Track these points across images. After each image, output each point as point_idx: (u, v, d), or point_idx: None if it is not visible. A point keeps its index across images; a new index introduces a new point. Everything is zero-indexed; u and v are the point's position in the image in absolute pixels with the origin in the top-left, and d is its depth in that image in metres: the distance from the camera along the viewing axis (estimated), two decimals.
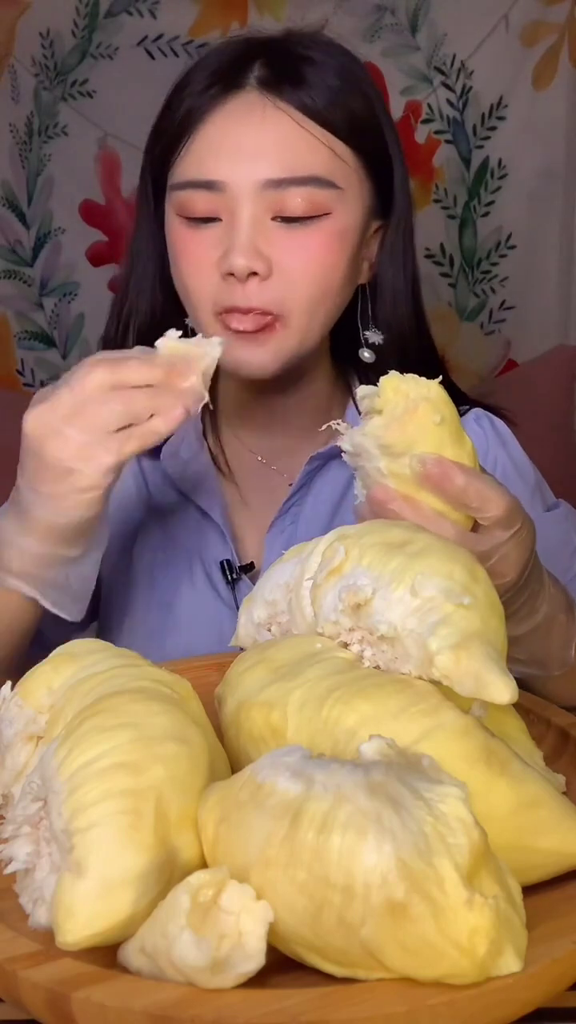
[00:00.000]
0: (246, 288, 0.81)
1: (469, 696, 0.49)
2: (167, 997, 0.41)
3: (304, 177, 0.82)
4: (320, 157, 0.83)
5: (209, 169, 0.82)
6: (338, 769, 0.44)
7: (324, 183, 0.83)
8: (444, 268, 1.90)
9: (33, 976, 0.43)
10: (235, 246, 0.81)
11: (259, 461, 0.96)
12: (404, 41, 1.80)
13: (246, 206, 0.81)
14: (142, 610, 0.94)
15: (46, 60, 1.81)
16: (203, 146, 0.83)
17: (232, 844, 0.44)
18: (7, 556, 0.74)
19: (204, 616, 0.92)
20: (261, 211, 0.82)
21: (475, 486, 0.64)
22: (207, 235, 0.83)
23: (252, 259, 0.81)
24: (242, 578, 0.93)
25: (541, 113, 1.83)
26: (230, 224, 0.82)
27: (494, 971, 0.41)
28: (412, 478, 0.64)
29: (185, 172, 0.84)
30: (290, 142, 0.82)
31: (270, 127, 0.82)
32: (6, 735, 0.55)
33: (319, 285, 0.84)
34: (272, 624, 0.61)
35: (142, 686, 0.51)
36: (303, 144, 0.82)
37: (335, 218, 0.84)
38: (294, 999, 0.41)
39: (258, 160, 0.81)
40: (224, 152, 0.82)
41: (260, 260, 0.81)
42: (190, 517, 0.95)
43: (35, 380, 1.92)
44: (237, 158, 0.81)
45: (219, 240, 0.82)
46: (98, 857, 0.43)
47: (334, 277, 0.85)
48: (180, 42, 1.78)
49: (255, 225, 0.82)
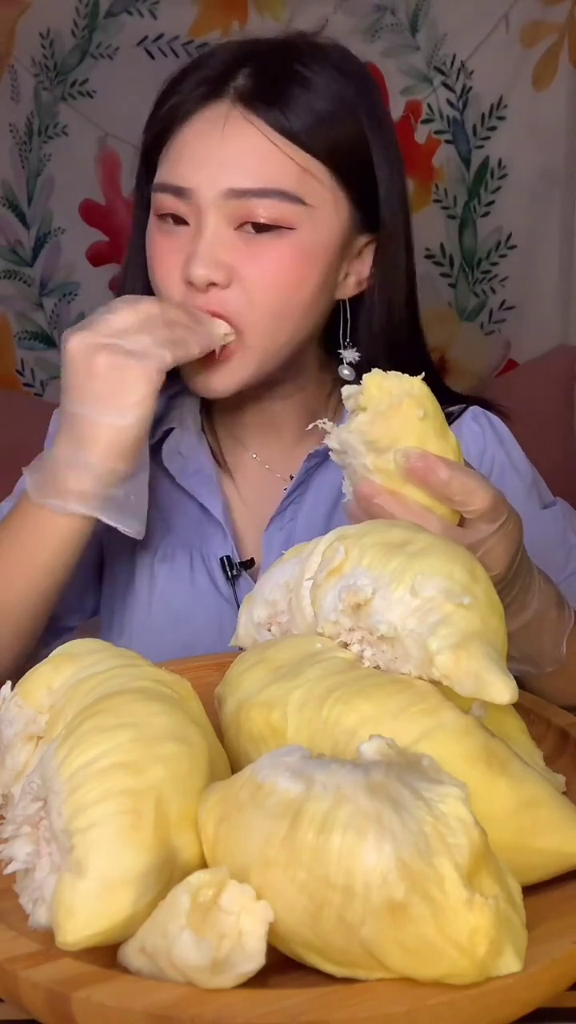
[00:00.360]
0: (207, 296, 0.82)
1: (469, 696, 0.49)
2: (167, 997, 0.41)
3: (268, 189, 0.81)
4: (288, 172, 0.82)
5: (179, 175, 0.83)
6: (338, 769, 0.44)
7: (290, 198, 0.82)
8: (444, 268, 1.90)
9: (33, 976, 0.43)
10: (195, 254, 0.81)
11: (256, 461, 0.97)
12: (404, 41, 1.80)
13: (210, 214, 0.82)
14: (143, 606, 0.95)
15: (46, 60, 1.81)
16: (177, 151, 0.84)
17: (232, 844, 0.44)
18: (67, 478, 0.78)
19: (204, 612, 0.93)
20: (225, 220, 0.82)
21: (459, 479, 0.64)
22: (176, 239, 0.84)
23: (211, 269, 0.81)
24: (242, 574, 0.93)
25: (541, 113, 1.83)
26: (194, 231, 0.83)
27: (494, 971, 0.41)
28: (397, 473, 0.64)
29: (161, 174, 0.85)
30: (257, 155, 0.82)
31: (236, 139, 0.82)
32: (6, 735, 0.55)
33: (279, 300, 0.83)
34: (272, 624, 0.61)
35: (142, 686, 0.51)
36: (271, 158, 0.82)
37: (301, 234, 0.83)
38: (294, 999, 0.41)
39: (222, 170, 0.81)
40: (193, 159, 0.82)
41: (219, 269, 0.81)
42: (190, 513, 0.95)
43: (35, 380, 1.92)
44: (203, 166, 0.82)
45: (183, 245, 0.83)
46: (98, 857, 0.43)
47: (297, 294, 0.84)
48: (180, 42, 1.78)
49: (217, 234, 0.82)
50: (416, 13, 1.79)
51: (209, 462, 0.95)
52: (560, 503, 1.00)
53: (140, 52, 1.78)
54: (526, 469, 0.98)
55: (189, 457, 0.94)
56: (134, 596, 0.95)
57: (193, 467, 0.94)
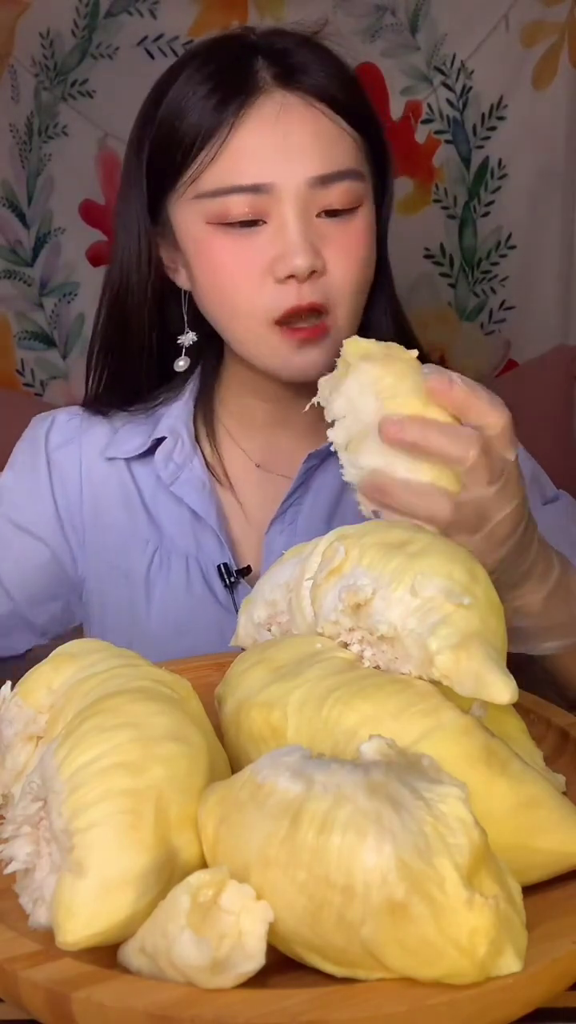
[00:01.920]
0: (302, 288, 0.81)
1: (469, 696, 0.49)
2: (167, 997, 0.41)
3: (344, 171, 0.83)
4: (350, 149, 0.84)
5: (253, 173, 0.81)
6: (338, 769, 0.44)
7: (358, 175, 0.84)
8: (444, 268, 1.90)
9: (33, 976, 0.43)
10: (293, 247, 0.80)
11: (256, 468, 0.96)
12: (404, 41, 1.80)
13: (295, 205, 0.81)
14: (142, 616, 0.94)
15: (46, 60, 1.80)
16: (240, 151, 0.81)
17: (232, 844, 0.44)
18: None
19: (204, 621, 0.92)
20: (308, 209, 0.82)
21: (476, 393, 0.64)
22: (255, 242, 0.82)
23: (312, 258, 0.81)
24: (240, 582, 0.92)
25: (541, 113, 1.82)
26: (279, 226, 0.81)
27: (494, 971, 0.41)
28: (419, 401, 0.64)
29: (221, 179, 0.82)
30: (329, 137, 0.82)
31: (300, 124, 0.82)
32: (6, 735, 0.55)
33: (360, 277, 0.85)
34: (272, 624, 0.61)
35: (142, 686, 0.51)
36: (338, 138, 0.83)
37: (364, 210, 0.85)
38: (294, 999, 0.41)
39: (304, 158, 0.81)
40: (266, 153, 0.81)
41: (318, 257, 0.81)
42: (185, 520, 0.94)
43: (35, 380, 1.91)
44: (283, 158, 0.81)
45: (268, 244, 0.82)
46: (98, 857, 0.43)
47: (369, 269, 0.86)
48: (180, 42, 1.77)
49: (306, 223, 0.82)
50: (416, 13, 1.79)
51: (202, 469, 0.94)
52: (563, 497, 1.00)
53: (140, 52, 1.77)
54: (527, 464, 0.98)
55: (182, 465, 0.94)
56: (131, 607, 0.95)
57: (186, 474, 0.94)
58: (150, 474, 0.95)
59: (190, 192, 0.84)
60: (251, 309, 0.83)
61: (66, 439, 0.97)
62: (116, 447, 0.95)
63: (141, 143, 0.88)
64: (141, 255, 0.90)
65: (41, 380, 1.91)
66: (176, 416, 0.95)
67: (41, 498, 0.96)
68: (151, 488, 0.95)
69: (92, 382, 0.96)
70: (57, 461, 0.97)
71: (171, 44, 1.78)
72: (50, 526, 0.96)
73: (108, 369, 0.95)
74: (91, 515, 0.96)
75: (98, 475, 0.96)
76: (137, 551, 0.95)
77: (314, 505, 0.93)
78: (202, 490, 0.93)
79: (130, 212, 0.90)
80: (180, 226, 0.86)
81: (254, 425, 0.95)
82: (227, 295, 0.84)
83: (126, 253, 0.90)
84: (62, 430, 0.98)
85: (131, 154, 0.90)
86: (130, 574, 0.95)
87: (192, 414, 0.96)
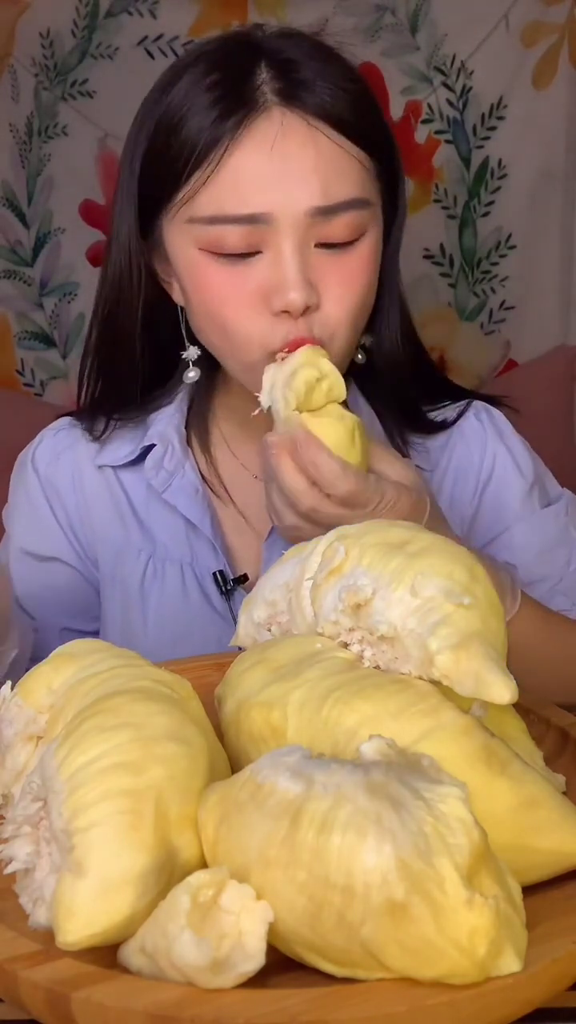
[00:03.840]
0: (298, 322, 0.78)
1: (469, 696, 0.49)
2: (167, 997, 0.41)
3: (348, 201, 0.78)
4: (356, 175, 0.79)
5: (251, 202, 0.77)
6: (338, 769, 0.43)
7: (364, 204, 0.80)
8: (444, 268, 1.90)
9: (33, 976, 0.43)
10: (288, 282, 0.77)
11: (254, 479, 0.95)
12: (404, 41, 1.80)
13: (293, 236, 0.77)
14: (138, 625, 0.94)
15: (46, 60, 1.80)
16: (237, 177, 0.77)
17: (232, 844, 0.44)
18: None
19: (201, 630, 0.91)
20: (306, 240, 0.78)
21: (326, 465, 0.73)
22: (250, 272, 0.79)
23: (307, 293, 0.77)
24: (237, 589, 0.92)
25: (541, 113, 1.82)
26: (275, 257, 0.78)
27: (494, 971, 0.41)
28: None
29: (217, 205, 0.78)
30: (332, 164, 0.78)
31: (301, 149, 0.77)
32: (6, 735, 0.55)
33: (359, 306, 0.82)
34: (272, 624, 0.61)
35: (142, 686, 0.51)
36: (342, 164, 0.78)
37: (369, 237, 0.81)
38: (294, 999, 0.41)
39: (304, 187, 0.76)
40: (259, 181, 0.77)
41: (313, 292, 0.78)
42: (178, 528, 0.93)
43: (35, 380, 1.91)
44: (282, 187, 0.76)
45: (264, 276, 0.78)
46: (98, 857, 0.43)
47: (368, 298, 0.83)
48: (180, 42, 1.77)
49: (303, 255, 0.78)
50: (416, 13, 1.79)
51: (195, 475, 0.93)
52: (565, 497, 0.99)
53: (140, 52, 1.77)
54: (528, 465, 0.97)
55: (173, 471, 0.93)
56: (127, 618, 0.94)
57: (178, 481, 0.93)
58: (140, 482, 0.95)
59: (183, 214, 0.80)
60: (246, 338, 0.80)
61: (55, 453, 0.97)
62: (105, 455, 0.95)
63: (135, 152, 0.84)
64: (132, 270, 0.87)
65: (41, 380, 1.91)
66: (166, 422, 0.94)
67: (43, 520, 0.97)
68: (142, 496, 0.95)
69: (85, 395, 0.95)
70: (48, 477, 0.97)
71: (171, 44, 1.78)
72: (61, 544, 0.97)
73: (100, 381, 0.94)
74: (87, 523, 0.96)
75: (89, 484, 0.96)
76: (130, 560, 0.94)
77: None
78: (195, 496, 0.92)
79: (122, 223, 0.87)
80: (172, 246, 0.83)
81: (251, 432, 0.95)
82: (220, 321, 0.81)
83: (118, 267, 0.88)
84: (49, 446, 0.98)
85: (125, 162, 0.86)
86: (124, 583, 0.94)
87: (184, 420, 0.95)
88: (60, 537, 0.97)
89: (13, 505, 0.99)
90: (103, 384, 0.94)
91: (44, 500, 0.97)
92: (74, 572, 0.97)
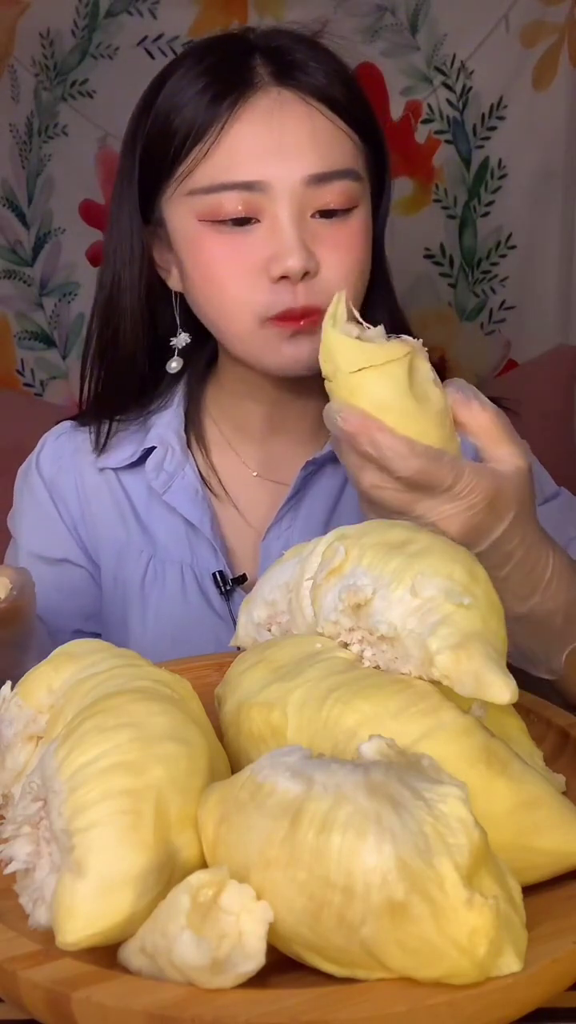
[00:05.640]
0: (297, 289, 0.80)
1: (469, 696, 0.49)
2: (167, 997, 0.41)
3: (340, 171, 0.81)
4: (348, 149, 0.83)
5: (248, 170, 0.80)
6: (338, 769, 0.43)
7: (355, 175, 0.83)
8: (444, 268, 1.90)
9: (33, 976, 0.43)
10: (287, 248, 0.79)
11: (253, 476, 0.95)
12: (404, 41, 1.80)
13: (290, 204, 0.80)
14: (137, 626, 0.94)
15: (46, 60, 1.80)
16: (235, 147, 0.80)
17: (232, 844, 0.44)
18: None
19: (199, 630, 0.91)
20: (303, 209, 0.81)
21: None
22: (248, 241, 0.81)
23: (306, 259, 0.79)
24: (236, 590, 0.92)
25: (541, 113, 1.82)
26: (272, 225, 0.80)
27: (494, 971, 0.41)
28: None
29: (214, 175, 0.81)
30: (325, 136, 0.81)
31: (298, 122, 0.80)
32: (6, 735, 0.55)
33: (356, 278, 0.83)
34: (272, 624, 0.61)
35: (142, 686, 0.51)
36: (335, 137, 0.82)
37: (361, 211, 0.84)
38: (294, 999, 0.41)
39: (300, 157, 0.80)
40: (256, 150, 0.80)
41: (312, 258, 0.80)
42: (179, 529, 0.94)
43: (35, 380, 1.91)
44: (279, 156, 0.80)
45: (262, 243, 0.81)
46: (98, 857, 0.43)
47: (365, 272, 0.85)
48: (180, 42, 1.77)
49: (300, 223, 0.80)
50: (416, 13, 1.79)
51: (195, 477, 0.93)
52: (563, 495, 0.99)
53: (140, 52, 1.77)
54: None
55: (174, 473, 0.93)
56: (127, 619, 0.95)
57: (178, 483, 0.93)
58: (141, 483, 0.95)
59: (183, 188, 0.83)
60: (244, 307, 0.82)
61: (58, 457, 0.98)
62: (106, 458, 0.95)
63: (135, 140, 0.87)
64: (134, 252, 0.89)
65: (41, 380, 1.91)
66: (166, 425, 0.94)
67: (52, 523, 0.97)
68: (143, 498, 0.95)
69: (87, 386, 0.95)
70: (52, 481, 0.97)
71: (171, 44, 1.78)
72: (70, 546, 0.97)
73: (103, 371, 0.94)
74: (90, 525, 0.96)
75: (91, 486, 0.96)
76: (131, 561, 0.94)
77: (311, 510, 0.93)
78: (195, 498, 0.93)
79: (123, 210, 0.89)
80: (172, 223, 0.85)
81: (251, 431, 0.95)
82: (219, 293, 0.83)
83: (119, 251, 0.90)
84: (52, 450, 0.98)
85: (125, 151, 0.89)
86: (125, 584, 0.95)
87: (183, 422, 0.95)
88: (68, 539, 0.97)
89: (19, 511, 1.00)
90: (106, 370, 0.94)
91: (51, 503, 0.97)
92: (85, 573, 0.98)
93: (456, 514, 0.63)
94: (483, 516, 0.64)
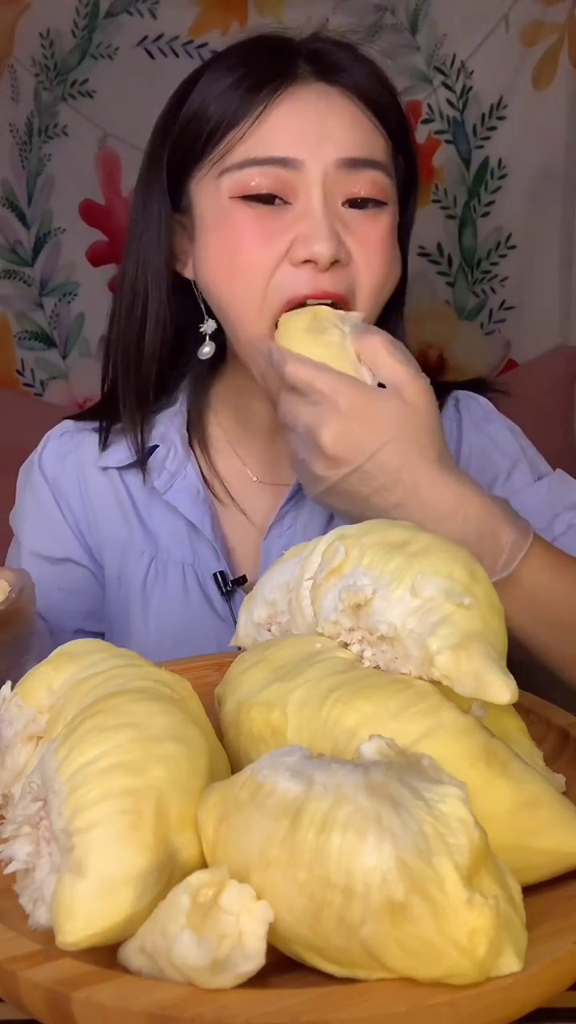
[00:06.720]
0: (320, 276, 0.79)
1: (469, 696, 0.49)
2: (167, 997, 0.41)
3: (374, 160, 0.82)
4: (383, 146, 0.84)
5: (283, 147, 0.80)
6: (338, 769, 0.43)
7: (387, 170, 0.83)
8: (442, 268, 1.90)
9: (33, 976, 0.43)
10: (317, 231, 0.78)
11: (254, 481, 0.95)
12: (404, 41, 1.80)
13: (322, 188, 0.80)
14: (139, 626, 0.94)
15: (46, 60, 1.80)
16: (273, 128, 0.80)
17: (232, 844, 0.44)
18: None
19: (200, 630, 0.92)
20: (334, 194, 0.80)
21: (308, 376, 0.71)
22: (275, 218, 0.80)
23: (336, 245, 0.78)
24: (236, 590, 0.92)
25: (541, 113, 1.82)
26: (304, 208, 0.80)
27: (494, 971, 0.41)
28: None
29: (250, 152, 0.81)
30: (362, 127, 0.82)
31: (342, 111, 0.82)
32: (6, 735, 0.55)
33: (382, 274, 0.83)
34: (272, 624, 0.61)
35: (142, 686, 0.51)
36: (372, 132, 0.83)
37: (391, 209, 0.84)
38: (294, 999, 0.41)
39: (334, 139, 0.80)
40: (295, 131, 0.80)
41: (343, 248, 0.79)
42: (180, 529, 0.94)
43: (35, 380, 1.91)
44: (313, 138, 0.80)
45: (290, 224, 0.80)
46: (98, 857, 0.43)
47: (392, 273, 0.84)
48: (180, 42, 1.77)
49: (332, 208, 0.80)
50: (416, 13, 1.79)
51: (197, 477, 0.93)
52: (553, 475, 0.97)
53: (140, 52, 1.77)
54: (511, 446, 0.96)
55: (176, 473, 0.93)
56: (129, 618, 0.95)
57: (180, 483, 0.93)
58: (142, 482, 0.95)
59: (215, 170, 0.82)
60: (256, 288, 0.80)
61: (60, 456, 0.98)
62: (108, 457, 0.95)
63: (166, 130, 0.87)
64: (161, 236, 0.88)
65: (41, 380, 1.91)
66: (168, 423, 0.94)
67: (55, 523, 0.97)
68: (145, 497, 0.95)
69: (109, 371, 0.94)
70: (55, 479, 0.97)
71: (171, 44, 1.78)
72: (72, 545, 0.97)
73: (124, 359, 0.92)
74: (93, 524, 0.96)
75: (93, 485, 0.96)
76: (133, 560, 0.94)
77: (312, 510, 0.93)
78: (196, 498, 0.93)
79: (150, 196, 0.88)
80: (200, 205, 0.84)
81: (254, 429, 0.95)
82: (237, 263, 0.81)
83: (144, 237, 0.89)
84: (54, 449, 0.98)
85: (156, 138, 0.88)
86: (128, 583, 0.95)
87: (185, 421, 0.95)
88: (71, 538, 0.97)
89: (21, 510, 0.99)
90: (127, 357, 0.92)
91: (54, 502, 0.97)
92: (87, 572, 0.97)
93: (326, 413, 0.69)
94: (352, 423, 0.69)
